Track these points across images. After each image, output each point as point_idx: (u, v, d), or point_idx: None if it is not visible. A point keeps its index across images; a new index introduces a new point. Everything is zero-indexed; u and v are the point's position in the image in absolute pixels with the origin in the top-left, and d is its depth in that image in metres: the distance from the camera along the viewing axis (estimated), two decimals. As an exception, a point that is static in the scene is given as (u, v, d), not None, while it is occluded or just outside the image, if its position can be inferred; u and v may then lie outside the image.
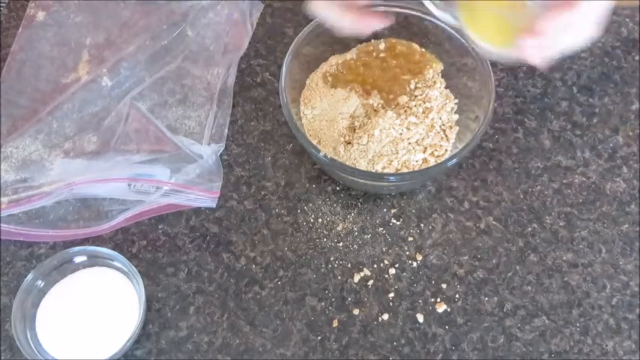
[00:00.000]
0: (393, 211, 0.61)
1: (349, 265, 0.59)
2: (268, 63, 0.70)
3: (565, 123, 0.66)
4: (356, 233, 0.60)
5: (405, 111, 0.61)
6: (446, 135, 0.61)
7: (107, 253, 0.57)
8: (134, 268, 0.55)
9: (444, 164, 0.56)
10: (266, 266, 0.59)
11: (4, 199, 0.59)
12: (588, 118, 0.65)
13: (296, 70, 0.62)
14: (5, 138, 0.62)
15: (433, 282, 0.58)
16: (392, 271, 0.58)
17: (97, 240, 0.60)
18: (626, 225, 0.60)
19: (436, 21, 0.62)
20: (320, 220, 0.61)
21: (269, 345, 0.55)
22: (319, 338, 0.56)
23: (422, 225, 0.61)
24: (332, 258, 0.59)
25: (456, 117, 0.62)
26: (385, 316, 0.56)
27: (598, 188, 0.62)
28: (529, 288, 0.58)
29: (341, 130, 0.60)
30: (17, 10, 0.73)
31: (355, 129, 0.61)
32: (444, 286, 0.58)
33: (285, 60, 0.60)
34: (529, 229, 0.60)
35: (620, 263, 0.58)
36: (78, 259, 0.57)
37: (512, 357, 0.55)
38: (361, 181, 0.58)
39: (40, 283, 0.55)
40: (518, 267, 0.58)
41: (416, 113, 0.60)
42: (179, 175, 0.60)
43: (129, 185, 0.59)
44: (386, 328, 0.56)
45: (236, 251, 0.60)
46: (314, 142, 0.60)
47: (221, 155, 0.63)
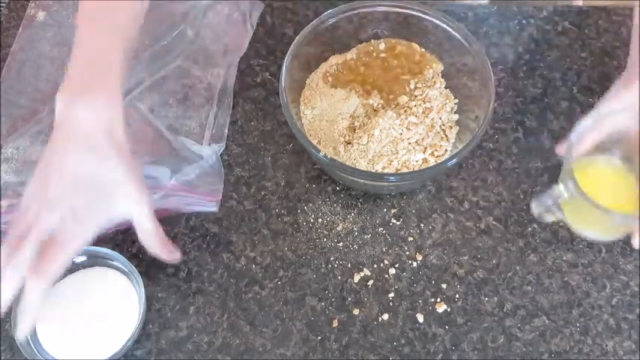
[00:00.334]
0: (393, 211, 0.61)
1: (349, 265, 0.59)
2: (268, 63, 0.70)
3: (565, 123, 0.66)
4: (356, 233, 0.60)
5: (405, 111, 0.61)
6: (446, 135, 0.61)
7: (107, 253, 0.57)
8: (134, 268, 0.55)
9: (444, 164, 0.56)
10: (266, 266, 0.59)
11: (4, 202, 0.59)
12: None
13: (296, 70, 0.62)
14: (5, 138, 0.62)
15: (433, 282, 0.58)
16: (392, 271, 0.58)
17: (97, 240, 0.60)
18: (626, 225, 0.60)
19: (436, 21, 0.62)
20: (320, 220, 0.61)
21: (269, 345, 0.55)
22: (319, 338, 0.56)
23: (422, 225, 0.61)
24: (332, 258, 0.59)
25: (456, 117, 0.62)
26: (385, 316, 0.56)
27: (598, 188, 0.62)
28: (529, 288, 0.58)
29: (341, 130, 0.60)
30: (17, 10, 0.73)
31: (355, 129, 0.61)
32: (444, 286, 0.58)
33: (285, 60, 0.60)
34: (529, 229, 0.60)
35: (620, 263, 0.58)
36: (78, 259, 0.56)
37: (512, 357, 0.55)
38: (361, 181, 0.58)
39: None
40: (518, 267, 0.58)
41: (416, 113, 0.60)
42: (179, 176, 0.60)
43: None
44: (386, 328, 0.56)
45: (236, 251, 0.60)
46: (314, 142, 0.60)
47: (221, 155, 0.63)
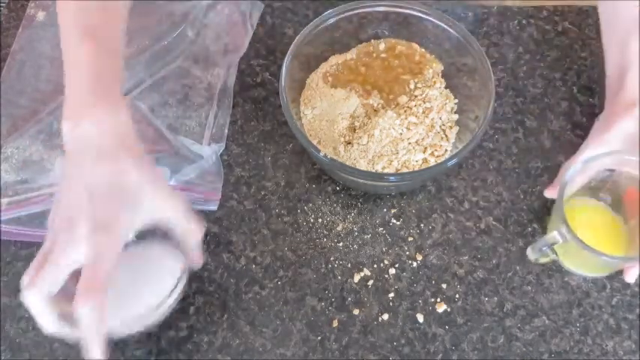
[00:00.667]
0: (393, 211, 0.61)
1: (349, 265, 0.59)
2: (268, 63, 0.70)
3: (565, 123, 0.66)
4: (356, 233, 0.60)
5: (405, 111, 0.61)
6: (446, 135, 0.61)
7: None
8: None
9: (444, 164, 0.56)
10: (266, 266, 0.59)
11: (4, 200, 0.59)
12: (588, 118, 0.65)
13: (296, 70, 0.62)
14: (5, 138, 0.62)
15: (433, 282, 0.58)
16: (392, 271, 0.58)
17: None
18: (626, 225, 0.60)
19: (436, 21, 0.62)
20: (320, 220, 0.61)
21: (269, 345, 0.55)
22: (319, 338, 0.56)
23: (422, 225, 0.61)
24: (332, 258, 0.59)
25: (456, 117, 0.62)
26: (385, 316, 0.56)
27: (598, 188, 0.62)
28: (529, 288, 0.58)
29: (341, 130, 0.60)
30: (17, 10, 0.73)
31: (355, 129, 0.61)
32: (444, 286, 0.58)
33: (285, 60, 0.60)
34: (529, 229, 0.60)
35: (620, 263, 0.58)
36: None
37: (512, 357, 0.55)
38: (361, 181, 0.58)
39: None
40: (518, 267, 0.58)
41: (416, 113, 0.60)
42: (179, 176, 0.60)
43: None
44: (386, 328, 0.56)
45: (236, 251, 0.60)
46: (314, 142, 0.60)
47: (221, 155, 0.63)
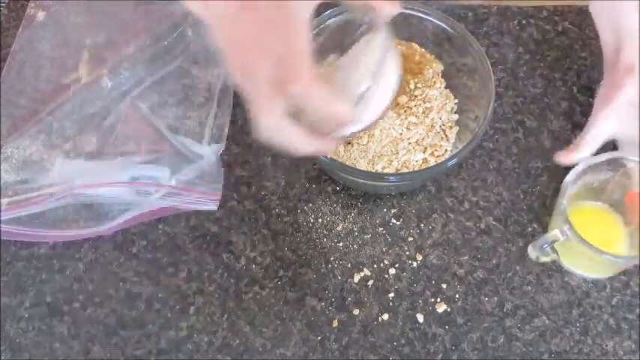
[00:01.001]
0: (393, 211, 0.61)
1: (349, 265, 0.59)
2: (268, 63, 0.70)
3: (565, 123, 0.66)
4: (356, 233, 0.60)
5: (405, 111, 0.61)
6: (446, 135, 0.61)
7: None
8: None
9: (444, 164, 0.56)
10: (266, 266, 0.59)
11: (5, 200, 0.59)
12: (588, 118, 0.65)
13: (296, 70, 0.62)
14: (5, 138, 0.62)
15: (433, 282, 0.58)
16: (392, 271, 0.58)
17: (98, 239, 0.60)
18: (626, 225, 0.60)
19: (436, 21, 0.62)
20: (320, 220, 0.61)
21: (269, 345, 0.55)
22: (319, 338, 0.56)
23: (422, 225, 0.61)
24: (332, 258, 0.59)
25: (456, 117, 0.62)
26: (385, 316, 0.56)
27: (598, 188, 0.62)
28: (529, 288, 0.58)
29: (341, 130, 0.60)
30: (17, 10, 0.73)
31: (355, 129, 0.61)
32: (444, 286, 0.58)
33: (285, 60, 0.60)
34: (529, 229, 0.60)
35: (620, 263, 0.58)
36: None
37: (512, 357, 0.55)
38: (361, 181, 0.58)
39: None
40: (518, 267, 0.58)
41: (416, 113, 0.60)
42: (179, 176, 0.60)
43: (130, 186, 0.59)
44: (386, 328, 0.56)
45: (236, 251, 0.60)
46: (314, 142, 0.60)
47: (221, 155, 0.63)
